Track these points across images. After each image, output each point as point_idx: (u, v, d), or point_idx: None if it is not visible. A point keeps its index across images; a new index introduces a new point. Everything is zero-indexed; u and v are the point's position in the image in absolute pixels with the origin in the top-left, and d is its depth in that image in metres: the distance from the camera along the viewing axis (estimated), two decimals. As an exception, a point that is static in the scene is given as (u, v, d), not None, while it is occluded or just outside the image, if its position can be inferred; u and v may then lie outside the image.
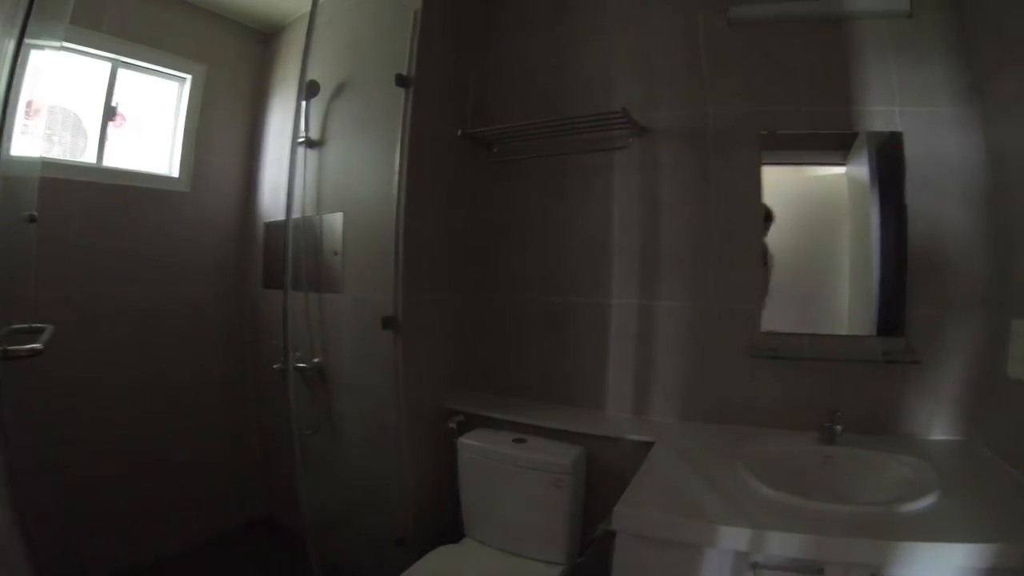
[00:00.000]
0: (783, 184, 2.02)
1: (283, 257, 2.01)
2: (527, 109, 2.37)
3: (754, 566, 1.28)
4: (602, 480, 2.02)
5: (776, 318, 2.01)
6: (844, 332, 1.96)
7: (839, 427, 1.75)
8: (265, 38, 3.15)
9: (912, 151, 1.86)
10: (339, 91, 2.61)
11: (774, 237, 2.02)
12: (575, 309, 2.28)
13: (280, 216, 2.75)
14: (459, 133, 2.37)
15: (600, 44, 2.28)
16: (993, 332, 1.74)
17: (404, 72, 2.27)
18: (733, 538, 1.28)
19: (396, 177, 2.24)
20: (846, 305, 1.98)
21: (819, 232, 2.03)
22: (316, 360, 2.62)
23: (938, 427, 1.84)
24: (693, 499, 1.45)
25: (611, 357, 2.22)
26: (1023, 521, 1.24)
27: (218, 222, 3.00)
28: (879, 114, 1.91)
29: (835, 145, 1.97)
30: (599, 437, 2.06)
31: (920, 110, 1.87)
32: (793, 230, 2.02)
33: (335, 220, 2.55)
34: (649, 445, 1.87)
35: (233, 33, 3.01)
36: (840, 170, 1.98)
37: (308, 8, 1.93)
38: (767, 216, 2.01)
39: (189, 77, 2.85)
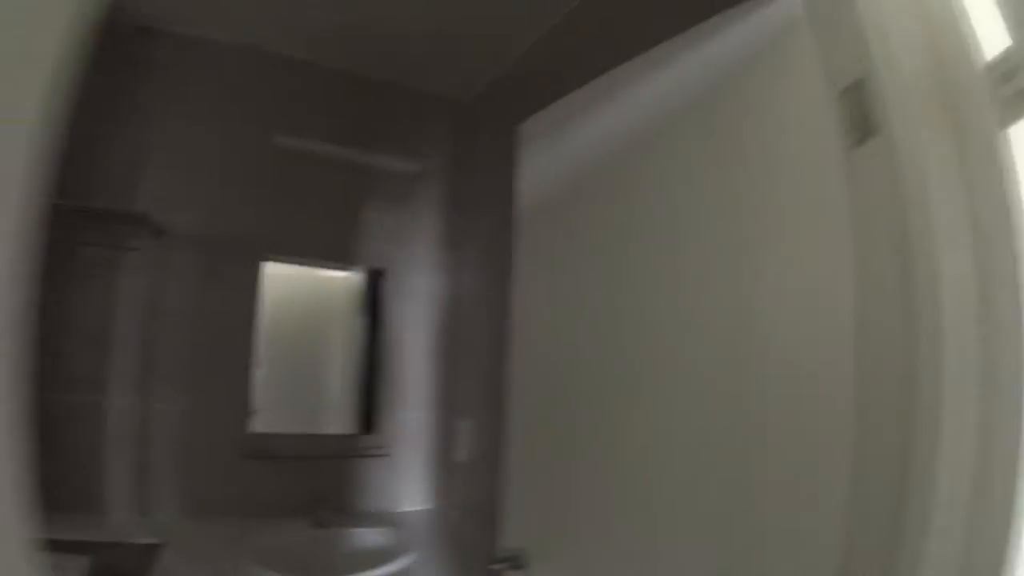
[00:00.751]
0: (291, 279, 2.29)
1: None
2: (61, 185, 2.10)
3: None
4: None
5: (272, 416, 2.20)
6: (333, 430, 2.31)
7: (327, 513, 2.04)
8: None
9: (392, 284, 2.40)
10: None
11: (276, 337, 2.24)
12: (76, 406, 2.06)
13: None
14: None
15: (143, 134, 2.18)
16: (445, 427, 2.34)
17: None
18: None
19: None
20: (336, 404, 2.33)
21: (320, 331, 2.37)
22: None
23: (411, 501, 2.31)
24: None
25: (111, 457, 2.05)
26: (476, 562, 1.71)
27: None
28: (374, 249, 2.39)
29: (340, 256, 2.35)
30: (105, 543, 1.89)
31: (405, 253, 2.44)
32: (296, 327, 2.31)
33: None
34: (158, 546, 1.84)
35: None
36: (342, 275, 2.38)
37: None
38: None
39: None
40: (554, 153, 1.52)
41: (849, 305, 0.87)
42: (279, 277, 2.25)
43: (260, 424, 2.18)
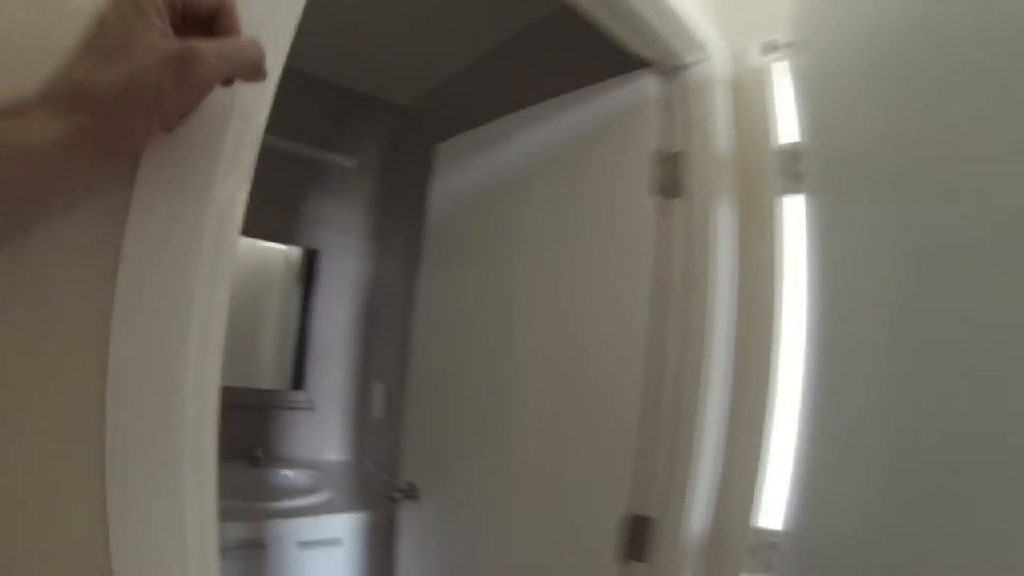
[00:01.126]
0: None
1: None
2: None
3: (221, 550, 1.84)
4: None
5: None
6: (267, 385, 2.66)
7: (260, 454, 2.42)
8: None
9: (325, 263, 2.76)
10: None
11: None
12: None
13: None
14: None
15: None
16: (362, 388, 2.73)
17: None
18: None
19: None
20: (270, 362, 2.69)
21: (259, 296, 2.70)
22: None
23: (332, 451, 2.71)
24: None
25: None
26: (381, 501, 2.13)
27: None
28: (311, 231, 2.74)
29: (283, 235, 2.68)
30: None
31: (338, 237, 2.80)
32: (238, 291, 2.62)
33: None
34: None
35: None
36: (283, 248, 2.71)
37: None
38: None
39: None
40: (458, 175, 1.92)
41: (644, 319, 1.31)
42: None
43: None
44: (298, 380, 2.70)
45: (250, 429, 2.52)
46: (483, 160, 1.81)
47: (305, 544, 1.95)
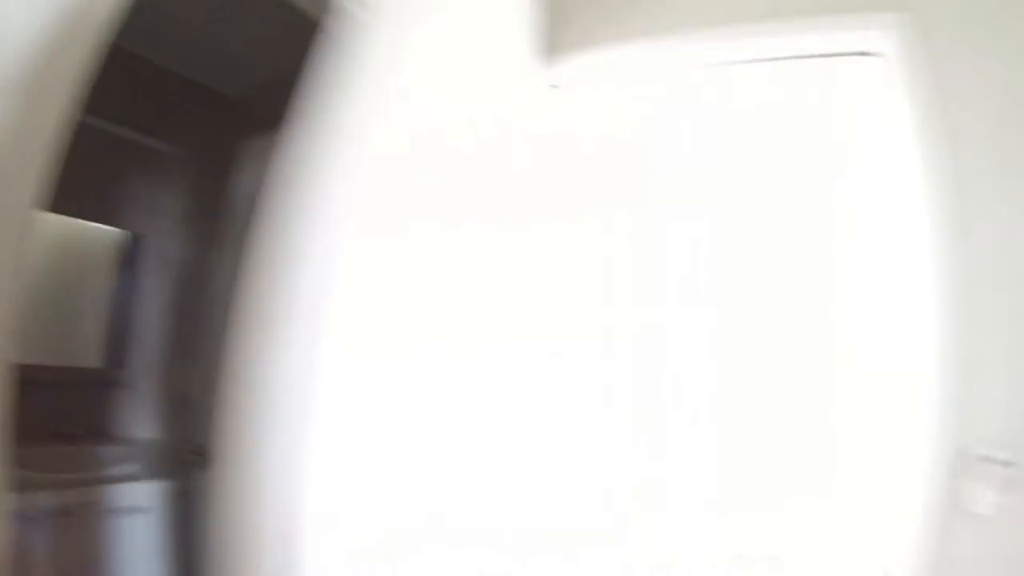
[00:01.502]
0: (60, 228, 2.60)
1: None
2: None
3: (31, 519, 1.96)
4: None
5: (38, 348, 2.51)
6: (87, 364, 2.70)
7: (78, 431, 2.47)
8: None
9: (150, 245, 2.84)
10: None
11: (44, 277, 2.56)
12: None
13: None
14: None
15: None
16: (183, 368, 2.86)
17: None
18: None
19: None
20: (91, 341, 2.72)
21: (84, 277, 2.73)
22: None
23: (148, 428, 2.80)
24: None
25: None
26: (189, 472, 2.28)
27: None
28: (138, 215, 2.81)
29: (108, 218, 2.73)
30: None
31: (162, 220, 2.88)
32: (63, 272, 2.65)
33: None
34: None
35: None
36: (105, 228, 2.75)
37: None
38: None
39: None
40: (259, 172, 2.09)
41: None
42: (50, 225, 2.51)
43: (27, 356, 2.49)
44: (119, 359, 2.77)
45: (68, 406, 2.56)
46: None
47: (114, 512, 2.10)
